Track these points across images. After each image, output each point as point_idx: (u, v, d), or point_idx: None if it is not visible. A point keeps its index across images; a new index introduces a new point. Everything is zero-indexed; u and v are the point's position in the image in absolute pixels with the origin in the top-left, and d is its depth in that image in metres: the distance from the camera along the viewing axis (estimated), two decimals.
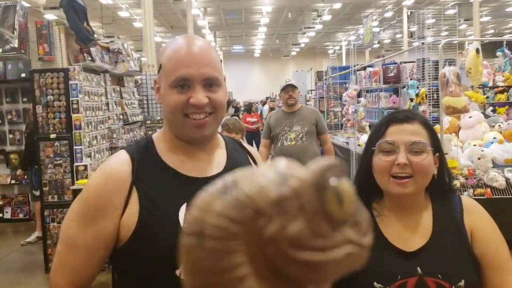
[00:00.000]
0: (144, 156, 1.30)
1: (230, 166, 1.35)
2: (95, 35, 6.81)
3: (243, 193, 0.51)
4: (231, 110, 16.68)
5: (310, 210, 0.50)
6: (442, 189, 1.44)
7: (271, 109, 14.85)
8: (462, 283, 1.29)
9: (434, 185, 1.41)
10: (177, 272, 1.20)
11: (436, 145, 1.41)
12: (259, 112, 17.39)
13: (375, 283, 1.31)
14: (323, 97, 12.70)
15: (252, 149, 1.54)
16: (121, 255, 1.26)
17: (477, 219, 1.41)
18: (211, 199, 0.52)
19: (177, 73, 1.24)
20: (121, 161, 1.29)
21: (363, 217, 0.54)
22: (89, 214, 1.24)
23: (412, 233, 1.38)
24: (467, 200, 1.47)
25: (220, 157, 1.38)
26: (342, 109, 10.75)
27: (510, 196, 5.40)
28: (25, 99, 7.55)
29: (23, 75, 6.98)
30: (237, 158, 1.41)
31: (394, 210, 1.41)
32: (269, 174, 0.52)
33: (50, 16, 11.11)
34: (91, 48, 6.39)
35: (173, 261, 1.19)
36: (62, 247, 1.26)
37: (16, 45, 5.36)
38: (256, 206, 0.50)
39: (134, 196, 1.24)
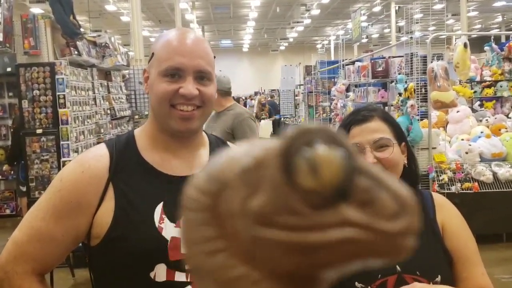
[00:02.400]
0: (123, 152, 1.26)
1: None
2: (81, 29, 6.73)
3: (215, 166, 0.50)
4: None
5: (272, 182, 0.44)
6: (411, 178, 1.48)
7: (262, 105, 14.80)
8: (438, 278, 1.33)
9: (406, 175, 1.45)
10: (152, 274, 1.18)
11: (400, 136, 1.45)
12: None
13: (356, 283, 1.33)
14: (312, 92, 12.72)
15: None
16: (96, 254, 1.23)
17: (447, 215, 1.45)
18: (196, 175, 0.53)
19: (170, 61, 1.22)
20: (99, 156, 1.25)
21: (389, 193, 0.44)
22: (60, 208, 1.19)
23: None
24: (438, 197, 1.52)
25: (202, 156, 1.34)
26: (331, 103, 10.78)
27: (497, 190, 5.45)
28: (10, 94, 7.45)
29: (8, 69, 6.88)
30: None
31: None
32: (243, 147, 0.49)
33: (35, 9, 10.96)
34: (77, 42, 6.31)
35: (147, 263, 1.16)
36: (25, 236, 1.19)
37: (1, 39, 5.28)
38: (223, 178, 0.48)
39: (110, 193, 1.20)
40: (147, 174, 1.25)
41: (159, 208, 1.20)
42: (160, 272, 1.18)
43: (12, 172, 7.31)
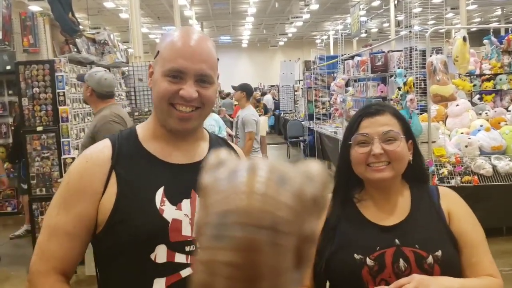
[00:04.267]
0: (125, 143, 1.33)
1: None
2: (80, 26, 6.73)
3: (298, 187, 0.48)
4: (220, 102, 16.56)
5: (322, 209, 0.51)
6: (417, 176, 1.54)
7: (257, 100, 14.79)
8: (439, 252, 1.37)
9: (410, 171, 1.50)
10: (152, 255, 1.22)
11: (408, 133, 1.50)
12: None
13: (355, 255, 1.38)
14: (311, 87, 12.70)
15: (237, 148, 1.56)
16: (99, 239, 1.27)
17: (453, 203, 1.50)
18: (274, 188, 0.46)
19: (173, 63, 1.26)
20: (102, 147, 1.32)
21: None
22: (69, 198, 1.26)
23: (390, 212, 1.47)
24: (444, 188, 1.57)
25: (202, 148, 1.39)
26: (330, 98, 10.75)
27: (497, 183, 5.46)
28: (10, 92, 7.46)
29: (8, 67, 6.88)
30: None
31: (374, 196, 1.50)
32: (297, 171, 0.51)
33: (34, 7, 10.94)
34: (76, 40, 6.32)
35: (148, 244, 1.21)
36: (44, 236, 1.27)
37: (0, 37, 5.28)
38: (307, 201, 0.48)
39: (113, 180, 1.26)
40: (148, 162, 1.30)
41: (160, 192, 1.25)
42: (160, 253, 1.22)
43: (13, 170, 7.34)
